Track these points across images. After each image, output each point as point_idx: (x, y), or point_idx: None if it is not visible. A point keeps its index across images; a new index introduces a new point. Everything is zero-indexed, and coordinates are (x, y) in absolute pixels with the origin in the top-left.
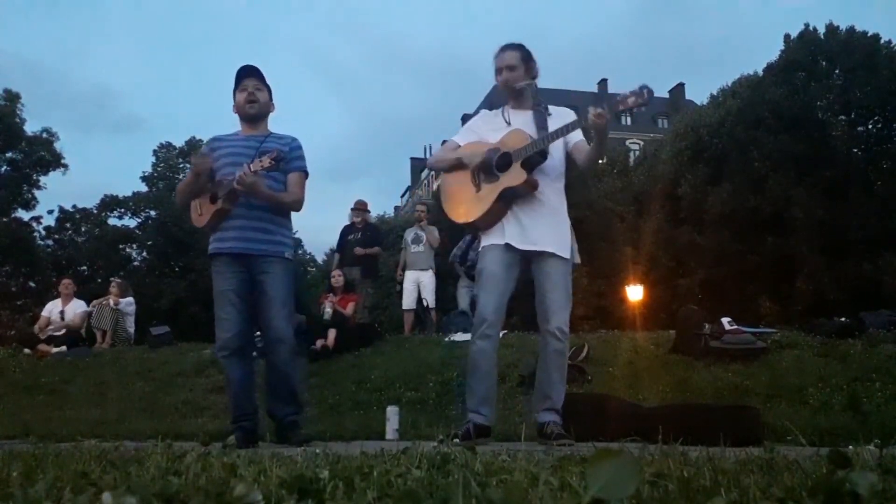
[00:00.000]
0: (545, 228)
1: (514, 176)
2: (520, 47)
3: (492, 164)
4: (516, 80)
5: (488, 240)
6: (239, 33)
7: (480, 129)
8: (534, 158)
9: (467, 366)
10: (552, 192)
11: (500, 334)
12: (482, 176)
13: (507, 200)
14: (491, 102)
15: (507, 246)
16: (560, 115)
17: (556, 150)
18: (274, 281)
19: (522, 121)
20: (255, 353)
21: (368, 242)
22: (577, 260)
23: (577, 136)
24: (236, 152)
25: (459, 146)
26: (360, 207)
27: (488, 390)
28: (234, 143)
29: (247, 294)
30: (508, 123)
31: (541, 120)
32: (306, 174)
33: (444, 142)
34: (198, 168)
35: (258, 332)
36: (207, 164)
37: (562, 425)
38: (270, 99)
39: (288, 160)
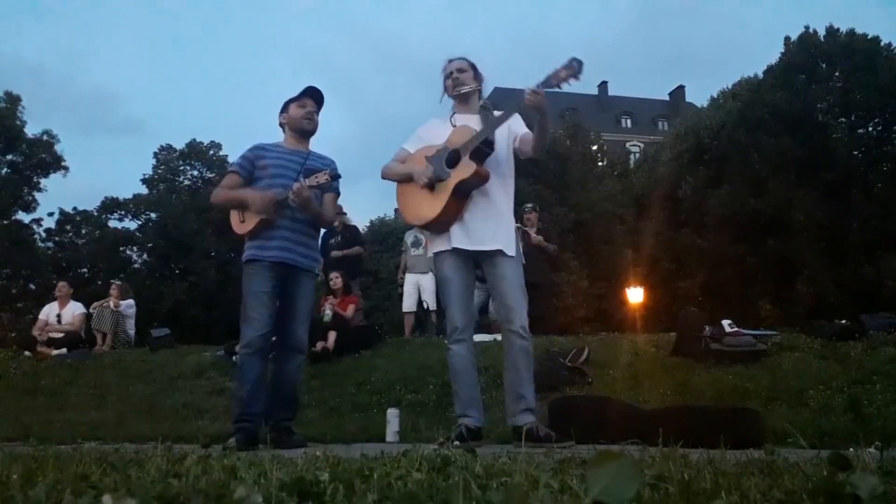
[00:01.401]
0: (490, 227)
1: (465, 169)
2: (466, 58)
3: (442, 166)
4: (465, 83)
5: (437, 247)
6: (240, 35)
7: (428, 136)
8: (481, 149)
9: (448, 373)
10: (497, 190)
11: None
12: (434, 179)
13: (463, 194)
14: (490, 104)
15: (455, 250)
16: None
17: (501, 146)
18: (304, 294)
19: (469, 123)
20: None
21: (347, 244)
22: (523, 260)
23: (520, 129)
24: (283, 164)
25: (410, 153)
26: (337, 211)
27: (472, 392)
28: (280, 156)
29: (277, 301)
30: (455, 126)
31: (486, 119)
32: (338, 195)
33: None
34: (257, 210)
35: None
36: (270, 211)
37: (556, 424)
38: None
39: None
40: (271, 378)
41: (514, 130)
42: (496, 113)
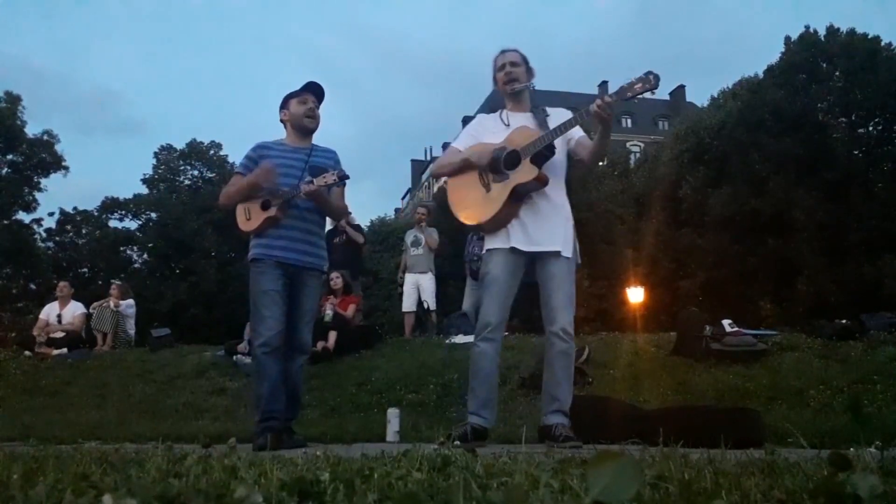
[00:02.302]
0: (550, 228)
1: (525, 172)
2: (518, 49)
3: (500, 163)
4: (518, 78)
5: (493, 243)
6: (240, 36)
7: (480, 133)
8: (542, 153)
9: (469, 368)
10: (555, 191)
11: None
12: (491, 176)
13: (519, 197)
14: (491, 106)
15: (513, 249)
16: (558, 116)
17: (559, 148)
18: (310, 294)
19: (522, 122)
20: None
21: (352, 243)
22: (579, 261)
23: (578, 132)
24: (287, 163)
25: (461, 151)
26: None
27: (490, 393)
28: (283, 154)
29: (286, 298)
30: (507, 125)
31: (541, 120)
32: (345, 186)
33: (445, 146)
34: (263, 181)
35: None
36: (273, 178)
37: (570, 426)
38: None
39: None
40: None
41: (570, 133)
42: (549, 114)
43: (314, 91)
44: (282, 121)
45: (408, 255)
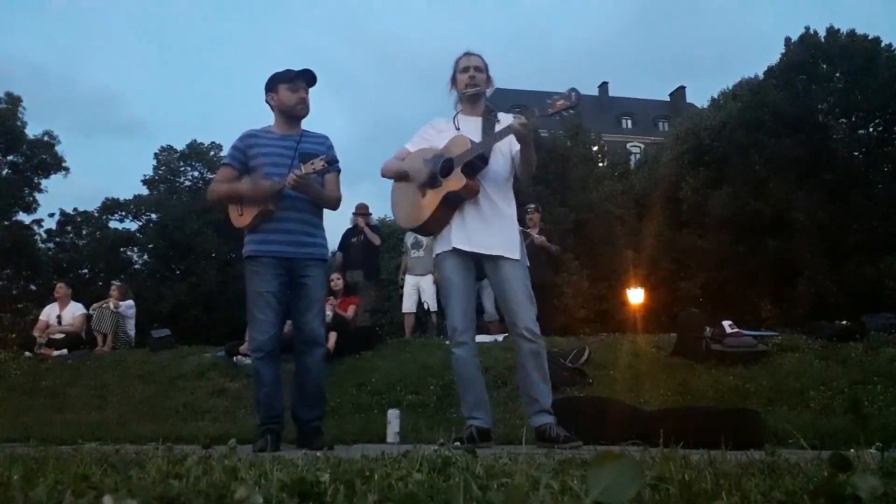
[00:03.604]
0: (491, 231)
1: (456, 181)
2: (482, 56)
3: (436, 174)
4: (480, 84)
5: (438, 248)
6: (240, 36)
7: (431, 136)
8: (474, 163)
9: (454, 376)
10: (499, 196)
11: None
12: (427, 183)
13: (451, 204)
14: (496, 109)
15: (455, 250)
16: (507, 121)
17: (502, 154)
18: (315, 284)
19: (471, 127)
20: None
21: (369, 243)
22: (527, 263)
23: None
24: (276, 153)
25: (410, 152)
26: (362, 212)
27: (479, 395)
28: (272, 143)
29: (284, 297)
30: (458, 129)
31: (488, 126)
32: (339, 172)
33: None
34: (259, 194)
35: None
36: (269, 192)
37: (560, 424)
38: None
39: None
40: (294, 376)
41: (515, 143)
42: (499, 120)
43: (306, 78)
44: (268, 103)
45: (408, 256)
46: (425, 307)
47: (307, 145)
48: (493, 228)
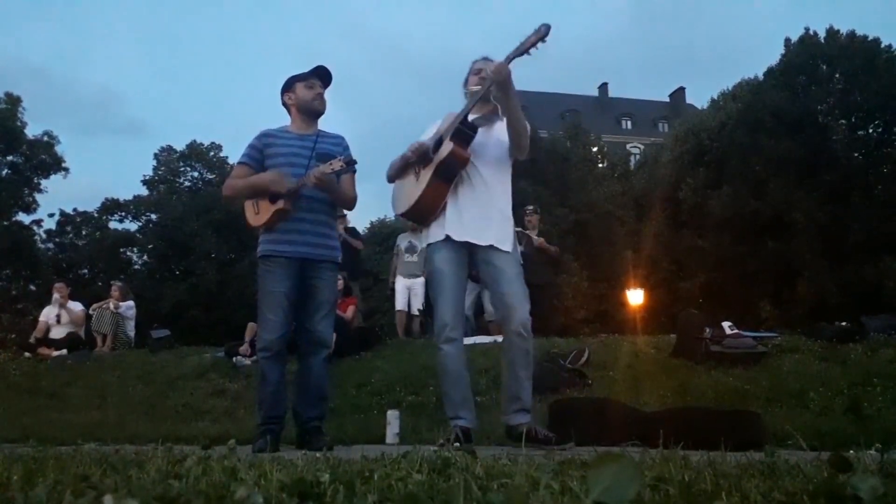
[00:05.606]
0: (486, 220)
1: (444, 150)
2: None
3: (429, 151)
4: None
5: (431, 237)
6: (241, 36)
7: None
8: (461, 130)
9: (438, 374)
10: (496, 183)
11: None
12: (421, 166)
13: (442, 176)
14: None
15: (448, 238)
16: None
17: (500, 143)
18: (326, 286)
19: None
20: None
21: (348, 245)
22: (520, 258)
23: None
24: (293, 152)
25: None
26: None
27: (464, 393)
28: (289, 143)
29: (294, 297)
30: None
31: (493, 117)
32: (355, 172)
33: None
34: (277, 188)
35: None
36: (284, 185)
37: (559, 425)
38: None
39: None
40: (297, 375)
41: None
42: (502, 118)
43: (321, 76)
44: (285, 104)
45: (400, 260)
46: (415, 311)
47: (324, 145)
48: (488, 218)
